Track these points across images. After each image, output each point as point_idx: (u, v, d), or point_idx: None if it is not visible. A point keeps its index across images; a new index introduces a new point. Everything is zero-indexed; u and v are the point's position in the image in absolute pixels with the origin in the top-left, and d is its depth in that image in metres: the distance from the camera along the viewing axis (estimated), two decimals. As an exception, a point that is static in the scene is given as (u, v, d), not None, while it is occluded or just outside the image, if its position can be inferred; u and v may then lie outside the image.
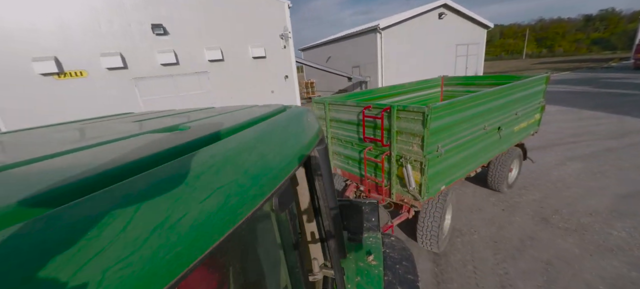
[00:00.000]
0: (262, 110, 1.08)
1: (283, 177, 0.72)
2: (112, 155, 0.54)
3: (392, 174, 3.18)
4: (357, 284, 1.46)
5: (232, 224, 0.51)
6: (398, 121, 2.94)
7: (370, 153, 3.39)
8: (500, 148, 4.08)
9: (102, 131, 0.88)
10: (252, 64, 11.09)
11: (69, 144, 0.66)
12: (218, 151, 0.58)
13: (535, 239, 3.52)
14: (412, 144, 2.87)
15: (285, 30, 11.24)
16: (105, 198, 0.38)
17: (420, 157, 2.81)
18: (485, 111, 3.39)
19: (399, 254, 1.79)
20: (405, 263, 1.71)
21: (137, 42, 8.97)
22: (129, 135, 0.73)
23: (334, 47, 18.52)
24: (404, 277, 1.60)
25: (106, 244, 0.34)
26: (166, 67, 9.58)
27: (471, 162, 3.55)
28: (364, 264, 1.60)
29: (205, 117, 1.00)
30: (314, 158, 1.08)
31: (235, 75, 10.86)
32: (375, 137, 3.23)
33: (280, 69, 11.73)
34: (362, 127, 3.31)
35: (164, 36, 9.28)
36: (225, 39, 10.34)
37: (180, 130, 0.77)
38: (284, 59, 11.71)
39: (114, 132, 0.79)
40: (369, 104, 3.22)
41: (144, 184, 0.43)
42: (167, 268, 0.38)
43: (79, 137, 0.78)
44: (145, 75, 9.32)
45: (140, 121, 1.03)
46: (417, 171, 2.90)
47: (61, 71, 8.17)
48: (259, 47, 10.94)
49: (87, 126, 1.11)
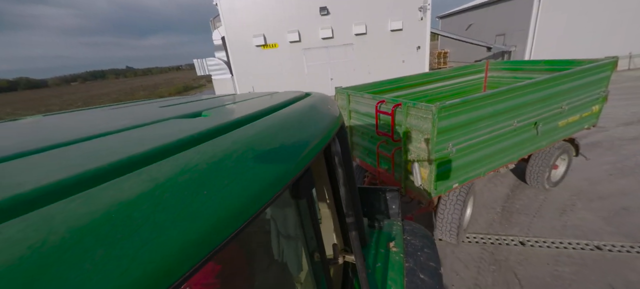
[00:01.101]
0: (284, 97, 1.09)
1: (303, 164, 0.73)
2: (140, 140, 0.58)
3: (402, 168, 3.16)
4: (378, 269, 1.46)
5: (254, 210, 0.52)
6: (408, 118, 2.87)
7: (383, 147, 3.40)
8: (538, 145, 3.69)
9: (131, 116, 0.91)
10: (389, 37, 12.72)
11: (99, 129, 0.69)
12: (240, 138, 0.60)
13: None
14: (420, 141, 2.81)
15: (425, 3, 12.04)
16: (134, 181, 0.40)
17: (427, 156, 2.75)
18: (514, 107, 3.08)
19: (421, 241, 1.77)
20: (426, 250, 1.70)
21: (308, 21, 12.29)
22: (156, 120, 0.76)
23: (477, 14, 17.23)
24: (426, 264, 1.59)
25: (137, 225, 0.36)
26: (324, 41, 12.64)
27: (495, 160, 3.29)
28: (385, 250, 1.60)
29: (228, 104, 1.02)
30: (335, 145, 1.09)
31: (374, 46, 12.85)
32: (387, 132, 3.17)
33: (414, 40, 12.82)
34: (376, 121, 3.31)
35: (327, 16, 12.20)
36: (371, 14, 12.32)
37: (203, 116, 0.81)
38: (420, 31, 12.66)
39: (141, 118, 0.82)
40: (384, 98, 3.23)
41: (170, 168, 0.45)
42: (193, 250, 0.40)
43: (109, 123, 0.80)
44: (311, 46, 12.71)
45: (166, 107, 1.06)
46: (425, 168, 2.84)
47: (265, 44, 12.52)
48: (398, 20, 12.34)
49: (117, 111, 1.14)
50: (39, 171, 0.43)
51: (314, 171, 1.22)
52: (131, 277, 0.33)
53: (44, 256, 0.29)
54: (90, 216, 0.33)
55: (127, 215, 0.36)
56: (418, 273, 1.50)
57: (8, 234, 0.30)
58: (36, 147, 0.54)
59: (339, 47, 12.89)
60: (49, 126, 0.88)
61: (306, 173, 0.75)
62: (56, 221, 0.32)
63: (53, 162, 0.47)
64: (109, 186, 0.39)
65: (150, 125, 0.71)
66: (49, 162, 0.47)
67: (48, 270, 0.28)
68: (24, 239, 0.29)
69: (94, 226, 0.33)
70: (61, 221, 0.32)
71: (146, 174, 0.42)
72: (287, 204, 1.00)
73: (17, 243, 0.29)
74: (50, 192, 0.36)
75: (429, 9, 12.18)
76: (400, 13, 12.34)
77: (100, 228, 0.33)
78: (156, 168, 0.44)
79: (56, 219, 0.32)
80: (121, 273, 0.32)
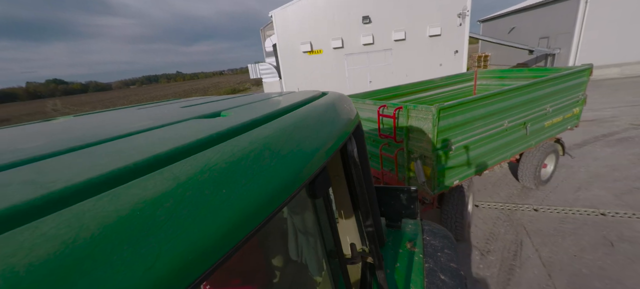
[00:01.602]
0: (300, 96, 1.10)
1: (320, 164, 0.74)
2: (162, 140, 0.59)
3: (405, 168, 3.43)
4: (397, 270, 1.44)
5: (271, 209, 0.53)
6: (410, 120, 3.14)
7: (385, 149, 3.66)
8: (528, 144, 4.10)
9: (154, 116, 0.92)
10: (427, 42, 13.45)
11: (125, 129, 0.71)
12: (257, 137, 0.61)
13: None
14: (422, 141, 3.05)
15: (464, 10, 12.61)
16: (157, 180, 0.41)
17: (429, 154, 3.00)
18: (503, 108, 3.45)
19: (441, 242, 1.76)
20: (447, 251, 1.68)
21: (351, 29, 13.53)
22: (176, 120, 0.77)
23: (520, 17, 17.07)
24: (446, 265, 1.57)
25: (161, 222, 0.37)
26: (365, 46, 13.77)
27: (491, 158, 3.65)
28: (404, 250, 1.58)
29: (246, 104, 1.03)
30: (351, 144, 1.09)
31: (412, 51, 13.66)
32: (389, 134, 3.43)
33: (452, 45, 13.38)
34: (378, 125, 3.54)
35: (368, 24, 13.34)
36: (410, 21, 13.20)
37: (222, 116, 0.82)
38: (458, 35, 13.19)
39: (163, 118, 0.83)
40: (384, 103, 3.49)
41: (190, 167, 0.46)
42: (213, 248, 0.42)
43: (134, 123, 0.82)
44: (353, 52, 13.93)
45: (186, 107, 1.07)
46: (428, 166, 3.09)
47: (311, 50, 14.00)
48: (436, 26, 13.04)
49: (141, 111, 1.16)
50: (70, 169, 0.44)
51: (330, 170, 1.23)
52: (156, 273, 0.34)
53: (77, 251, 0.30)
54: (117, 214, 0.35)
55: (151, 213, 0.37)
56: (439, 274, 1.48)
57: (43, 230, 0.30)
58: (67, 147, 0.56)
59: (379, 52, 13.91)
60: (78, 126, 0.91)
61: (322, 172, 0.76)
62: (86, 218, 0.33)
63: (83, 161, 0.48)
64: (133, 185, 0.40)
65: (172, 125, 0.73)
66: (79, 161, 0.48)
67: (80, 265, 0.29)
68: (58, 235, 0.30)
69: (120, 223, 0.34)
70: (91, 218, 0.33)
71: (168, 173, 0.43)
72: (304, 203, 0.98)
73: (52, 239, 0.30)
74: (80, 190, 0.37)
75: (467, 15, 12.70)
76: (439, 19, 13.02)
77: (127, 225, 0.34)
78: (177, 167, 0.45)
79: (86, 217, 0.33)
80: (147, 269, 0.33)
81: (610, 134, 6.62)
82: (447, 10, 12.87)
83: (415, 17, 13.09)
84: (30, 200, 0.34)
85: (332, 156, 0.83)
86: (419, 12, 13.02)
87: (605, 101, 9.43)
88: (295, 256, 1.13)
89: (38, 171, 0.44)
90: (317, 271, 1.06)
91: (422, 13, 13.02)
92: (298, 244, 1.09)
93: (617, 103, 9.00)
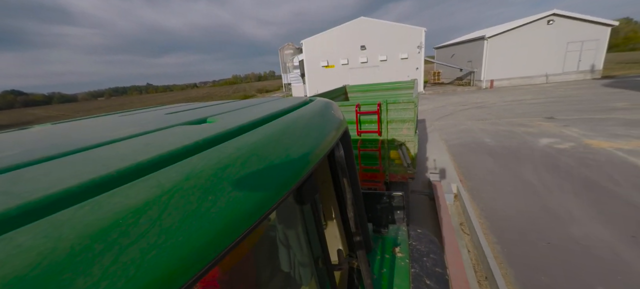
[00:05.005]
0: (288, 102, 1.08)
1: (307, 170, 0.74)
2: (146, 146, 0.57)
3: (385, 158, 3.87)
4: (383, 275, 1.44)
5: (258, 215, 0.53)
6: (389, 113, 3.56)
7: (364, 145, 4.00)
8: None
9: (138, 123, 0.90)
10: (400, 62, 21.68)
11: (107, 136, 0.69)
12: (244, 144, 0.60)
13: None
14: (402, 129, 3.52)
15: (420, 44, 21.07)
16: (141, 188, 0.40)
17: (412, 138, 3.49)
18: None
19: (426, 247, 1.76)
20: (433, 256, 1.68)
21: (352, 52, 21.36)
22: (162, 127, 0.76)
23: (456, 48, 26.28)
24: (432, 269, 1.57)
25: (144, 231, 0.36)
26: (362, 63, 21.65)
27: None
28: (390, 256, 1.58)
29: (233, 110, 1.01)
30: (338, 150, 1.08)
31: (391, 68, 21.79)
32: (370, 130, 3.76)
33: (415, 64, 21.72)
34: (355, 123, 3.84)
35: (364, 50, 21.31)
36: (390, 49, 21.37)
37: (208, 122, 0.81)
38: (418, 59, 21.57)
39: (148, 125, 0.82)
40: (358, 102, 3.82)
41: (175, 175, 0.45)
42: (198, 256, 0.41)
43: (116, 130, 0.80)
44: (354, 67, 21.74)
45: (171, 113, 1.05)
46: (411, 149, 3.61)
47: (327, 65, 21.61)
48: (405, 52, 21.30)
49: (124, 118, 1.13)
50: (48, 178, 0.42)
51: (317, 176, 1.23)
52: (138, 282, 0.33)
53: (53, 262, 0.29)
54: (98, 223, 0.34)
55: (134, 221, 0.36)
56: (424, 279, 1.50)
57: (19, 241, 0.29)
58: (45, 156, 0.54)
59: (371, 67, 21.88)
60: (58, 134, 0.87)
61: (310, 178, 0.76)
62: (65, 228, 0.32)
63: (62, 170, 0.46)
64: (116, 193, 0.39)
65: (157, 132, 0.71)
66: (58, 170, 0.46)
67: (57, 277, 0.28)
68: (34, 246, 0.29)
69: (102, 232, 0.33)
70: (70, 228, 0.32)
71: (152, 181, 0.42)
72: (291, 209, 0.96)
73: (28, 250, 0.28)
74: (59, 199, 0.36)
75: (422, 46, 21.19)
76: (406, 48, 21.33)
77: (108, 234, 0.33)
78: (162, 175, 0.44)
79: (65, 226, 0.32)
80: (128, 279, 0.32)
81: (479, 106, 14.76)
82: (411, 43, 21.26)
83: (392, 46, 21.32)
84: (4, 211, 0.33)
85: (319, 162, 0.83)
86: (394, 44, 21.29)
87: (492, 97, 17.87)
88: (282, 262, 1.09)
89: (13, 181, 0.42)
90: (303, 278, 1.03)
91: (396, 44, 21.30)
92: (285, 251, 1.06)
93: (498, 99, 17.41)
